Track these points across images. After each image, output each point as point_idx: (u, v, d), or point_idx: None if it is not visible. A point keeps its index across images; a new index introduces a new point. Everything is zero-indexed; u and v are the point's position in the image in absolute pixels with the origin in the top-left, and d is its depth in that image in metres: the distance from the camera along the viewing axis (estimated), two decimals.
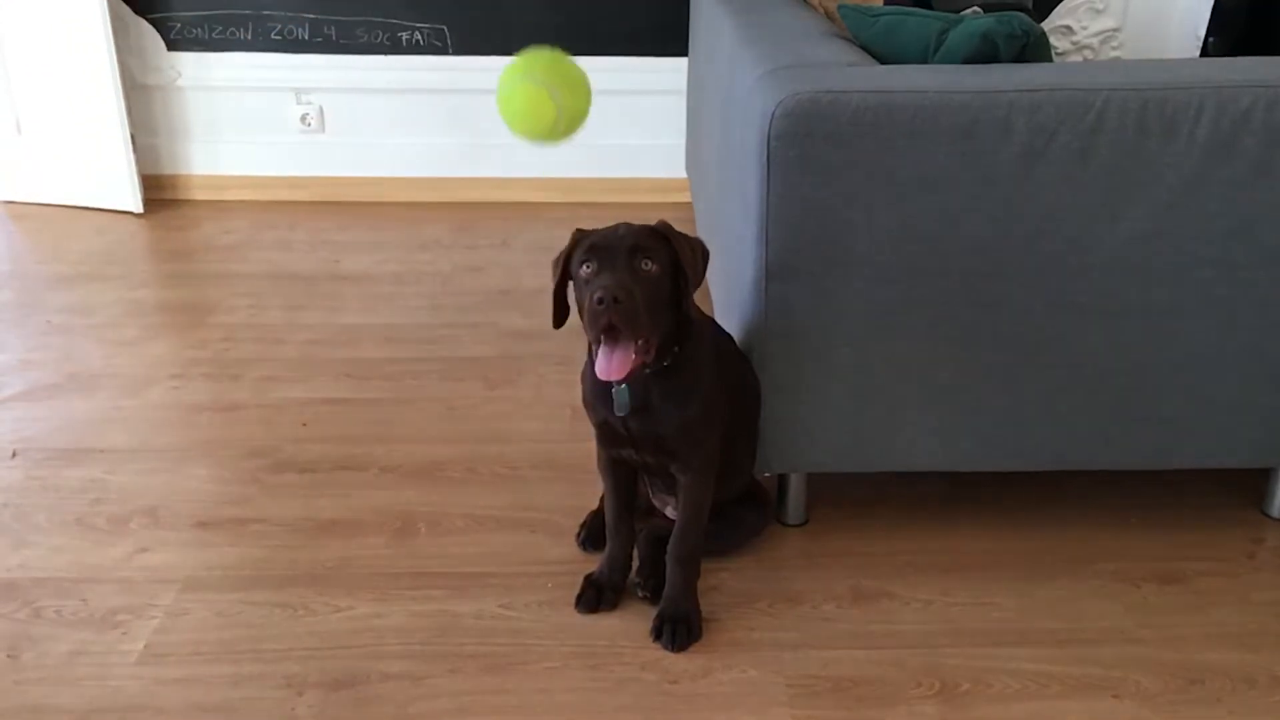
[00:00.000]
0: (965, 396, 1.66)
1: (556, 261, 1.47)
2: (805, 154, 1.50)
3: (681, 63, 3.41)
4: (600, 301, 1.33)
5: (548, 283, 1.48)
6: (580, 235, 1.45)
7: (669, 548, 1.57)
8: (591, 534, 1.74)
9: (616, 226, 1.42)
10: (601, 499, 1.72)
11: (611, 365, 1.37)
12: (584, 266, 1.40)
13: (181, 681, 1.47)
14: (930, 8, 2.05)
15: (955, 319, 1.60)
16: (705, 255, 1.51)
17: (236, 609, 1.61)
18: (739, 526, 1.73)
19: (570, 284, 1.46)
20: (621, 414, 1.47)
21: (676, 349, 1.47)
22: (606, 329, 1.34)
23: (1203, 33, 3.26)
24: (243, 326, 2.61)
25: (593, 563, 1.66)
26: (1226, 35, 3.19)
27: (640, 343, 1.38)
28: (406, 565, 1.71)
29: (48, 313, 2.68)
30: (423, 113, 3.53)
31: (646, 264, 1.38)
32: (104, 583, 1.67)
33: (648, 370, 1.46)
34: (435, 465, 2.00)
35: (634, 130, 3.55)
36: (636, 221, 1.45)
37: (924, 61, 1.69)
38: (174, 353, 2.47)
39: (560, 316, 1.49)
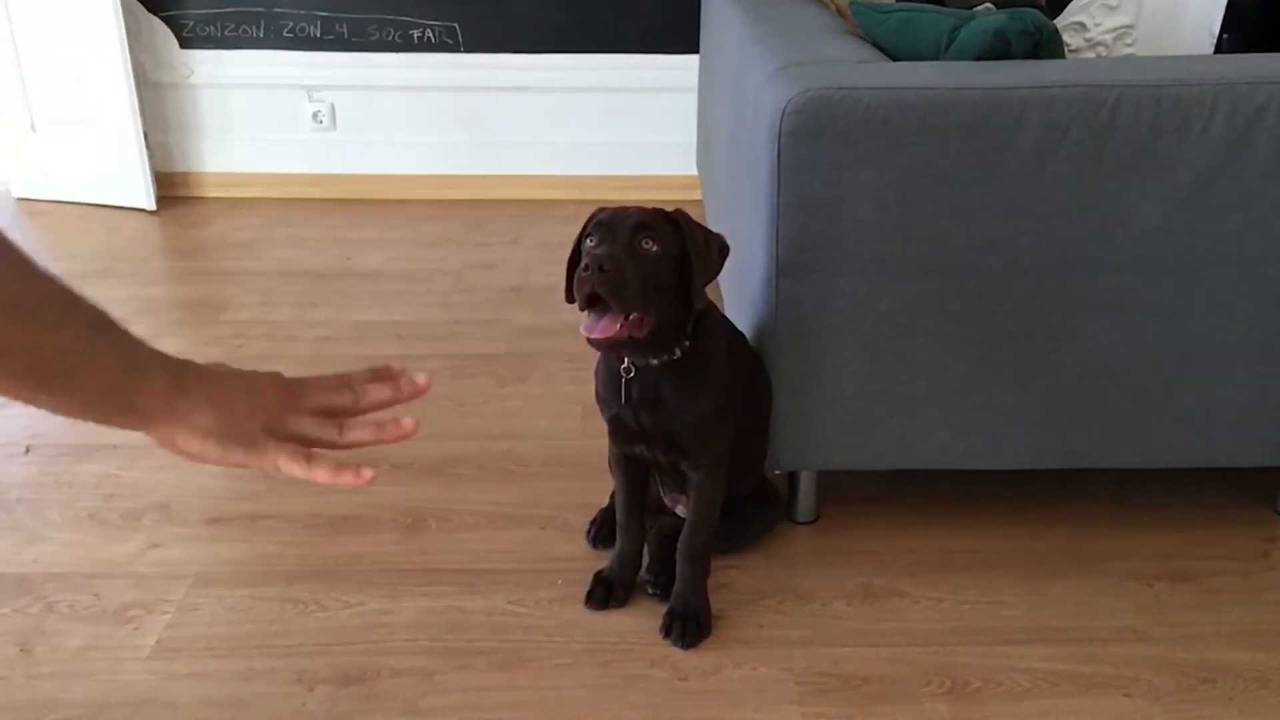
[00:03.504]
0: (976, 394, 1.66)
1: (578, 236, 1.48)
2: (816, 151, 1.50)
3: (692, 60, 3.40)
4: (586, 269, 1.33)
5: (559, 280, 1.48)
6: (597, 211, 1.45)
7: (679, 545, 1.57)
8: (602, 531, 1.75)
9: (630, 206, 1.42)
10: (612, 496, 1.72)
11: (595, 326, 1.36)
12: (588, 240, 1.41)
13: (193, 676, 1.47)
14: (942, 4, 2.04)
15: (966, 316, 1.60)
16: (724, 250, 1.50)
17: (248, 604, 1.62)
18: (749, 524, 1.73)
19: None
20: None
21: (687, 343, 1.47)
22: (590, 297, 1.34)
23: (1217, 29, 3.24)
24: (254, 323, 2.62)
25: (603, 560, 1.67)
26: (1241, 32, 3.17)
27: (631, 316, 1.37)
28: (417, 561, 1.71)
29: None
30: (434, 110, 3.53)
31: (647, 243, 1.37)
32: (116, 578, 1.68)
33: (655, 362, 1.46)
34: (446, 462, 2.00)
35: (645, 127, 3.55)
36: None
37: (936, 58, 1.69)
38: (186, 349, 2.45)
39: (571, 290, 1.47)
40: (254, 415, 0.80)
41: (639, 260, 1.36)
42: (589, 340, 1.37)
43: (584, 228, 1.44)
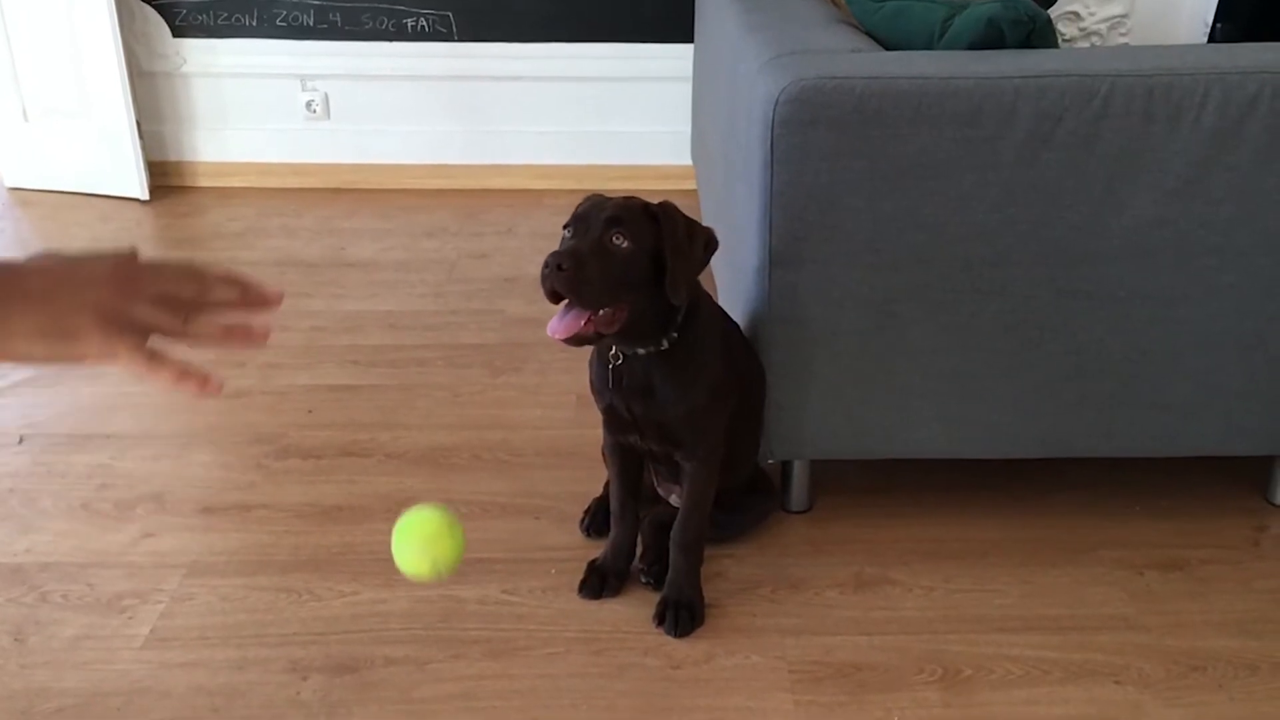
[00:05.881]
0: (969, 384, 1.66)
1: None
2: (809, 140, 1.50)
3: (687, 49, 3.40)
4: (547, 265, 1.33)
5: None
6: (584, 199, 1.45)
7: (672, 534, 1.57)
8: (595, 520, 1.75)
9: (612, 198, 1.42)
10: (605, 485, 1.73)
11: (559, 325, 1.37)
12: (565, 231, 1.41)
13: (186, 665, 1.48)
14: None
15: (959, 306, 1.60)
16: (711, 245, 1.48)
17: (241, 594, 1.62)
18: (743, 513, 1.73)
19: None
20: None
21: (675, 334, 1.46)
22: (550, 294, 1.34)
23: (1211, 19, 3.24)
24: None
25: (596, 549, 1.67)
26: (1235, 22, 3.17)
27: (601, 312, 1.37)
28: None
29: None
30: (428, 99, 3.53)
31: (618, 238, 1.36)
32: (110, 567, 1.68)
33: (641, 352, 1.46)
34: (439, 452, 2.00)
35: (640, 117, 3.55)
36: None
37: (929, 48, 1.69)
38: None
39: None
40: (81, 308, 0.74)
41: (606, 256, 1.35)
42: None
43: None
